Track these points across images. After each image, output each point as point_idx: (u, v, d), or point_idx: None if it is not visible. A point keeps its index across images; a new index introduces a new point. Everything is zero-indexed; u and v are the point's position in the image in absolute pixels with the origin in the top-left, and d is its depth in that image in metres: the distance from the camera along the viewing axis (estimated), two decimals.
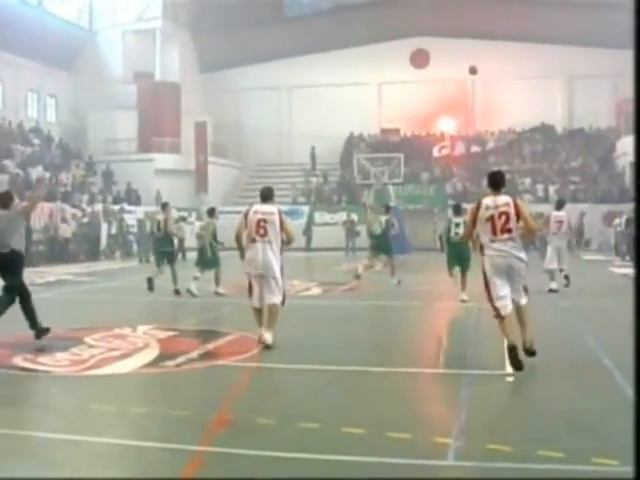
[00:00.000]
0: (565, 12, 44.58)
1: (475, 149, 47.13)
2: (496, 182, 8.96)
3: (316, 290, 18.42)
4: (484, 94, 48.57)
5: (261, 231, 10.15)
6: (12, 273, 10.74)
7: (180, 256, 26.75)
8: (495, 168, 42.66)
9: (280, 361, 9.61)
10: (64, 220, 32.95)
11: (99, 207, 36.71)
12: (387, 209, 20.48)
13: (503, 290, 8.65)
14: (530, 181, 43.63)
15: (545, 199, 41.47)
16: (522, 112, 46.81)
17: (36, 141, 41.20)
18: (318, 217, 42.61)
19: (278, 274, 10.18)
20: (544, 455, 5.58)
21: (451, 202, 40.59)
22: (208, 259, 17.26)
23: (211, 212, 18.04)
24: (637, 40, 5.68)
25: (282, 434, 6.30)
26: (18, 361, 9.26)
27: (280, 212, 10.48)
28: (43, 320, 10.88)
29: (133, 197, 41.10)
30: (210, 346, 10.34)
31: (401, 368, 8.93)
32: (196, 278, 17.18)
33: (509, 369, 8.51)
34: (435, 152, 47.41)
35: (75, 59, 46.84)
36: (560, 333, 11.63)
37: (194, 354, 9.69)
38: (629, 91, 7.50)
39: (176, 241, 22.57)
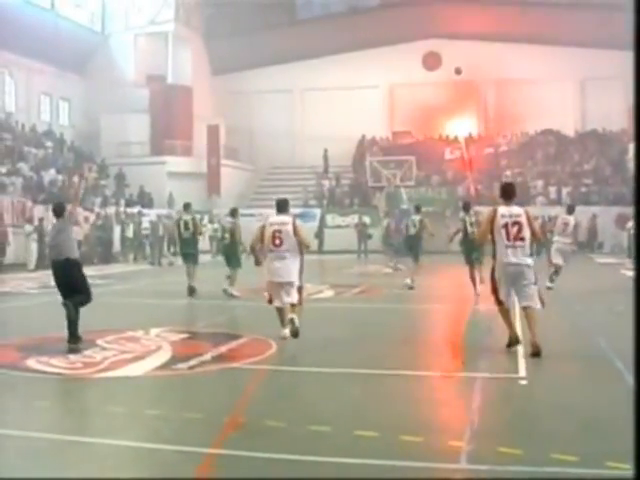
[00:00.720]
0: (577, 14, 44.51)
1: (487, 152, 46.98)
2: (509, 193, 10.12)
3: (328, 293, 18.38)
4: (496, 96, 48.47)
5: (277, 242, 10.78)
6: (69, 279, 10.84)
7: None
8: (507, 171, 43.07)
9: (292, 364, 9.62)
10: (76, 223, 33.02)
11: (112, 210, 36.73)
12: (417, 209, 20.51)
13: (508, 293, 9.93)
14: (542, 183, 43.46)
15: (557, 201, 41.33)
16: (534, 114, 46.69)
17: (49, 144, 41.31)
18: (330, 220, 42.57)
19: (295, 280, 10.88)
20: (557, 458, 5.56)
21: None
22: (233, 259, 17.35)
23: (234, 213, 18.15)
24: (637, 40, 5.68)
25: (294, 437, 6.30)
26: (32, 363, 9.29)
27: (294, 221, 11.10)
28: (57, 322, 10.91)
29: (146, 200, 41.17)
30: (223, 349, 10.35)
31: (413, 371, 8.93)
32: (229, 277, 17.40)
33: (522, 372, 8.53)
34: (447, 154, 47.32)
35: (88, 62, 46.96)
36: (573, 336, 11.61)
37: (207, 357, 9.70)
38: None
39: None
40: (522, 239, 9.71)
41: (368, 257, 34.77)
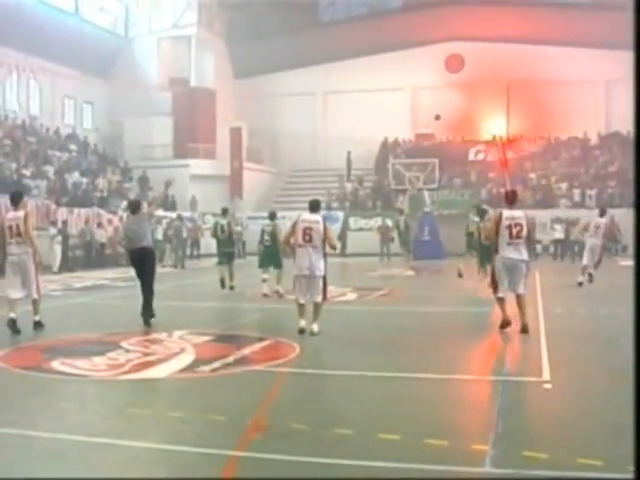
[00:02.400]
0: (601, 15, 44.22)
1: (511, 154, 46.74)
2: (511, 199, 11.99)
3: (351, 295, 18.35)
4: (519, 98, 48.21)
5: (307, 237, 11.69)
6: (146, 266, 13.27)
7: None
8: (531, 174, 42.81)
9: (315, 366, 9.61)
10: (100, 225, 33.22)
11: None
12: (480, 212, 20.24)
13: (505, 283, 11.76)
14: (567, 186, 43.23)
15: (581, 204, 41.10)
16: (558, 117, 46.51)
17: (73, 147, 41.59)
18: (353, 222, 42.52)
19: (323, 273, 11.78)
20: (583, 463, 5.52)
21: (485, 207, 40.47)
22: (276, 259, 17.57)
23: (273, 216, 18.69)
24: (637, 40, 5.64)
25: (317, 440, 6.29)
26: (56, 365, 9.34)
27: (325, 221, 12.09)
28: (81, 323, 10.97)
29: (169, 203, 41.30)
30: (245, 351, 10.36)
31: (437, 374, 8.89)
32: (265, 280, 17.85)
33: (546, 376, 8.48)
34: (471, 156, 47.20)
35: (111, 66, 47.27)
36: (597, 340, 11.52)
37: (230, 359, 9.71)
38: None
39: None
40: (520, 237, 11.51)
41: (391, 260, 34.71)
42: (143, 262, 13.30)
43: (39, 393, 8.14)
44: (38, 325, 12.51)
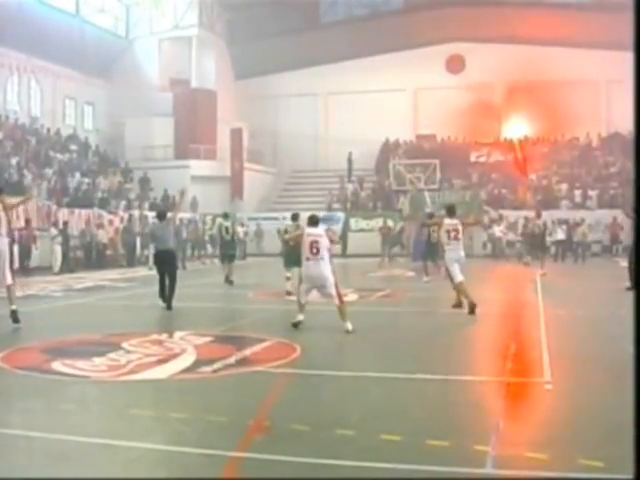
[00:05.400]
0: (602, 16, 44.16)
1: (511, 155, 46.71)
2: (452, 210, 15.32)
3: (352, 296, 18.31)
4: (520, 99, 48.13)
5: (314, 250, 12.37)
6: (171, 264, 16.08)
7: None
8: (532, 174, 42.77)
9: (316, 367, 9.61)
10: (101, 226, 33.20)
11: (145, 213, 36.70)
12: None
13: (458, 270, 14.67)
14: (567, 187, 43.21)
15: (582, 205, 41.09)
16: (559, 118, 46.51)
17: (73, 148, 41.60)
18: (354, 223, 42.51)
19: (332, 281, 12.49)
20: (584, 464, 5.52)
21: (486, 208, 40.49)
22: (299, 260, 17.67)
23: (295, 217, 18.58)
24: (637, 40, 5.63)
25: (319, 441, 6.29)
26: (57, 366, 9.34)
27: (326, 233, 13.09)
28: (81, 324, 10.96)
29: (169, 203, 41.30)
30: (247, 352, 10.35)
31: (438, 375, 8.88)
32: (289, 278, 17.91)
33: (547, 377, 8.48)
34: (473, 158, 47.19)
35: (112, 67, 47.33)
36: (598, 340, 11.52)
37: (231, 360, 9.70)
38: None
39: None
40: (459, 239, 14.86)
41: (392, 261, 34.69)
42: (167, 262, 16.01)
43: (39, 394, 8.13)
44: (14, 314, 12.71)
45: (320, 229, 12.90)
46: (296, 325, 12.36)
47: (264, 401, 7.71)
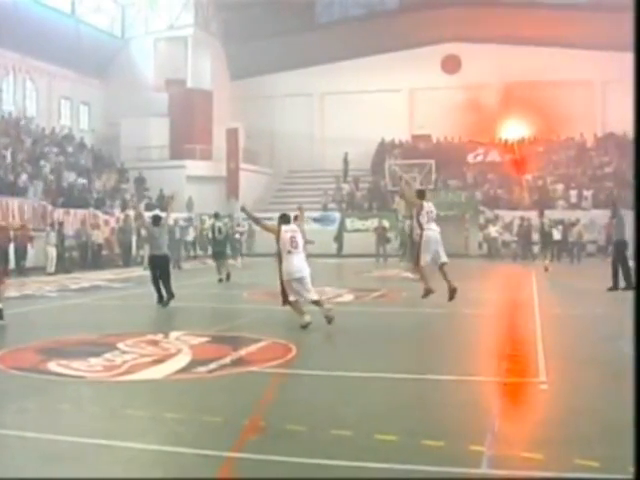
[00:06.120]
0: (598, 16, 44.19)
1: (507, 156, 46.73)
2: (424, 195, 15.72)
3: (348, 297, 18.32)
4: (516, 99, 48.14)
5: (294, 244, 12.81)
6: (164, 267, 16.52)
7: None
8: (527, 175, 42.80)
9: (312, 368, 9.60)
10: (96, 226, 33.14)
11: (141, 212, 36.58)
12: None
13: (429, 258, 14.85)
14: (563, 187, 43.22)
15: (578, 205, 41.12)
16: (554, 117, 46.53)
17: (69, 148, 41.53)
18: (349, 224, 42.51)
19: (309, 274, 12.87)
20: (579, 464, 5.52)
21: (482, 208, 40.55)
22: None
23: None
24: (637, 40, 5.63)
25: (314, 441, 6.29)
26: (52, 366, 9.33)
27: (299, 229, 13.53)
28: (77, 324, 10.95)
29: (165, 204, 41.25)
30: (242, 352, 10.34)
31: (434, 375, 8.89)
32: None
33: (543, 377, 8.50)
34: (470, 159, 47.20)
35: (108, 67, 47.30)
36: (594, 340, 11.53)
37: (226, 360, 9.70)
38: None
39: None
40: (435, 221, 14.96)
41: (387, 261, 34.74)
42: (160, 266, 16.45)
43: (35, 394, 8.12)
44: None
45: (295, 226, 13.40)
46: (305, 327, 12.33)
47: (259, 401, 7.72)
